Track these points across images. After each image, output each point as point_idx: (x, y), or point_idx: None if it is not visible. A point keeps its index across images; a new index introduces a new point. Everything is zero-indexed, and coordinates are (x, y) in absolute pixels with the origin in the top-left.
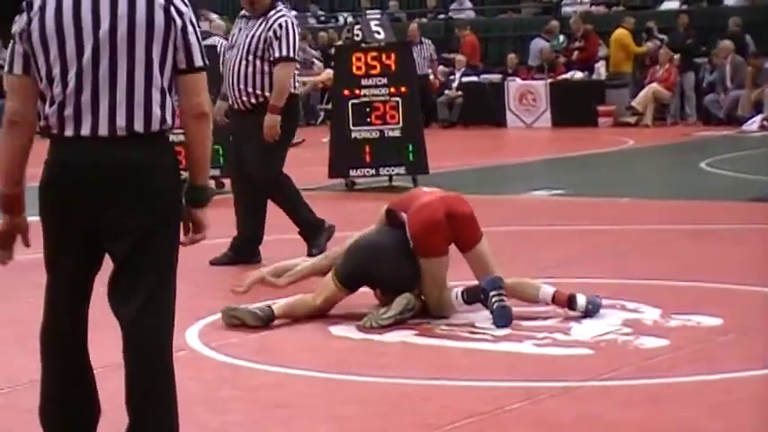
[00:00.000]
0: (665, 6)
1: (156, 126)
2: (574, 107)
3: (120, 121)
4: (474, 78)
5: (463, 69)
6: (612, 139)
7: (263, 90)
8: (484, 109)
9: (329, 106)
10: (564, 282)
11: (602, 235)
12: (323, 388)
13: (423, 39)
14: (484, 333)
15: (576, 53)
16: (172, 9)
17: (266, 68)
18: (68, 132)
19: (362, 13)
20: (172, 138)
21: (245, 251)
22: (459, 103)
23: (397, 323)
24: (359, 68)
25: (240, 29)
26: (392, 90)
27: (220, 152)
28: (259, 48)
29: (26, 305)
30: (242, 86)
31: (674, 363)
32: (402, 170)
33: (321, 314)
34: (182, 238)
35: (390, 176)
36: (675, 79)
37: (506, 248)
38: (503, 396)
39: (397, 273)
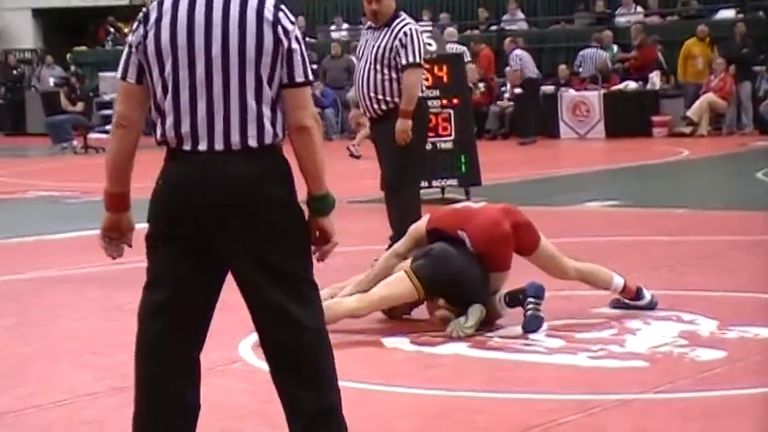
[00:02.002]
0: (720, 15)
1: (268, 140)
2: (628, 117)
3: (235, 137)
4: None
5: (515, 81)
6: (667, 149)
7: (392, 96)
8: (537, 120)
9: None
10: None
11: (658, 246)
12: (375, 401)
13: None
14: (538, 345)
15: (630, 63)
16: (279, 28)
17: (394, 75)
18: (186, 147)
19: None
20: None
21: None
22: (509, 113)
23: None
24: None
25: (367, 40)
26: (444, 102)
27: None
28: (386, 56)
29: (80, 321)
30: (372, 94)
31: (732, 375)
32: (454, 182)
33: (368, 313)
34: (314, 252)
35: (443, 188)
36: (731, 89)
37: None
38: (557, 409)
39: (476, 286)
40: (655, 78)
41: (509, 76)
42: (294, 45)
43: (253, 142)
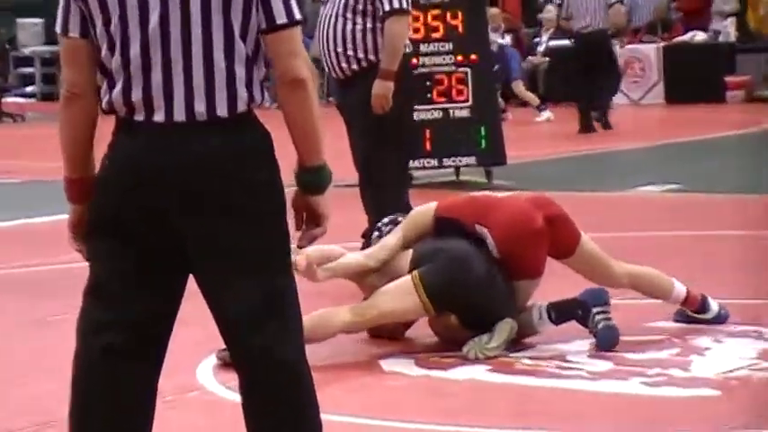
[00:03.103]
0: None
1: (242, 107)
2: (694, 78)
3: (200, 105)
4: (566, 42)
5: (552, 30)
6: (744, 118)
7: (366, 53)
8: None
9: None
10: None
11: (730, 242)
12: None
13: None
14: (579, 369)
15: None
16: None
17: (369, 25)
18: (139, 117)
19: None
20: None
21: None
22: (544, 71)
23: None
24: (417, 31)
25: None
26: (459, 58)
27: None
28: (360, 1)
29: None
30: (340, 50)
31: None
32: (472, 160)
33: (365, 329)
34: (297, 237)
35: (457, 168)
36: None
37: None
38: None
39: (504, 301)
40: (729, 28)
41: (544, 23)
42: None
43: (222, 111)
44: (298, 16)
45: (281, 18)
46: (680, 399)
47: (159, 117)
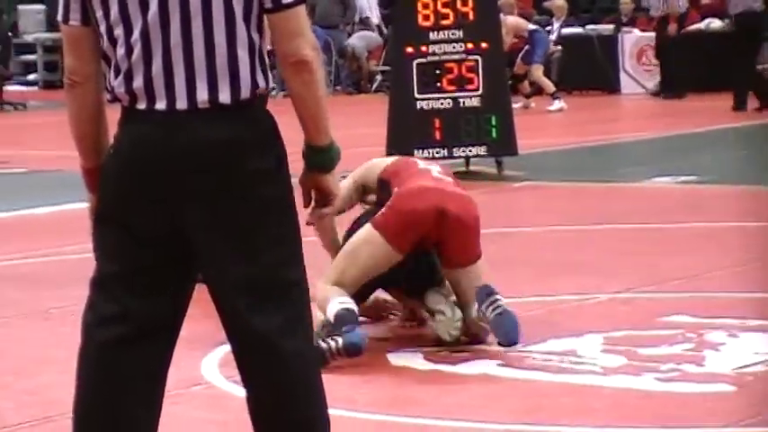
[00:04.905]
0: None
1: (246, 93)
2: (710, 67)
3: (202, 92)
4: (578, 30)
5: (563, 18)
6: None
7: None
8: (590, 70)
9: (387, 68)
10: (696, 297)
11: (748, 235)
12: None
13: None
14: (591, 363)
15: None
16: None
17: None
18: (141, 106)
19: None
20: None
21: None
22: (557, 60)
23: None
24: (426, 18)
25: None
26: (470, 46)
27: None
28: None
29: None
30: None
31: None
32: (483, 150)
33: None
34: (307, 214)
35: (467, 158)
36: None
37: (617, 254)
38: None
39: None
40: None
41: (555, 10)
42: None
43: (224, 97)
44: None
45: None
46: (694, 394)
47: (161, 105)
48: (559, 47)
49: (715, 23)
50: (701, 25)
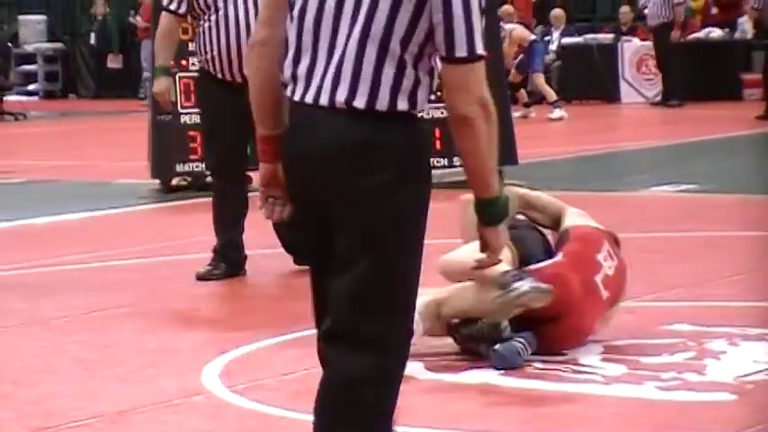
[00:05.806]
0: None
1: (381, 107)
2: (710, 76)
3: (341, 95)
4: (578, 40)
5: (562, 27)
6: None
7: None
8: (590, 79)
9: None
10: (697, 305)
11: (748, 243)
12: None
13: None
14: (592, 372)
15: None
16: None
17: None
18: (294, 92)
19: None
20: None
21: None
22: (557, 69)
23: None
24: None
25: None
26: None
27: None
28: None
29: None
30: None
31: None
32: None
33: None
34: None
35: None
36: None
37: None
38: None
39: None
40: (746, 24)
41: (554, 20)
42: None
43: (360, 103)
44: (479, 50)
45: (461, 51)
46: (695, 403)
47: (309, 98)
48: (559, 61)
49: (715, 33)
50: (701, 34)
